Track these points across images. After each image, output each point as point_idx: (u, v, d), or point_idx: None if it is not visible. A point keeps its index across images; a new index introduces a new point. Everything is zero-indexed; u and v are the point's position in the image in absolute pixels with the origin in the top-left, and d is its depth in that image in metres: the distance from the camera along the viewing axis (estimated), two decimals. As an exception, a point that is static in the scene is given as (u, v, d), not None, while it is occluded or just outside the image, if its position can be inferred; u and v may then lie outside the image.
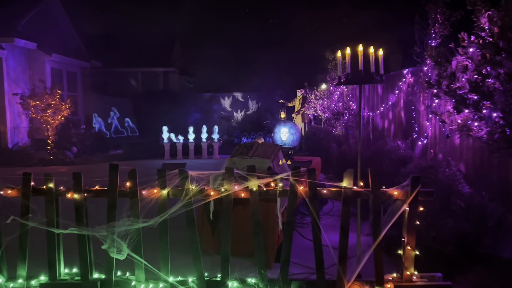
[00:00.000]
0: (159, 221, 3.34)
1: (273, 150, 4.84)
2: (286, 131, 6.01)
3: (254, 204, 3.39)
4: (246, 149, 4.90)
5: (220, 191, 3.38)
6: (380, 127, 8.84)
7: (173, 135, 13.25)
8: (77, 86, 17.28)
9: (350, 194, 3.35)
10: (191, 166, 11.55)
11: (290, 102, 14.49)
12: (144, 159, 13.32)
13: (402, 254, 3.43)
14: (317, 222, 3.34)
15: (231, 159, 4.85)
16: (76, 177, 3.41)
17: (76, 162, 12.71)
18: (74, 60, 16.65)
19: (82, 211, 3.40)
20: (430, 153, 5.71)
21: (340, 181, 3.37)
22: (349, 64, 3.66)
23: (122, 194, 3.41)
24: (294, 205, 3.38)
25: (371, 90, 9.44)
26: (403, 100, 7.44)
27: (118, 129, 17.61)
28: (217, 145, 13.46)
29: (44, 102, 12.46)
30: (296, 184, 3.33)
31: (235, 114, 19.85)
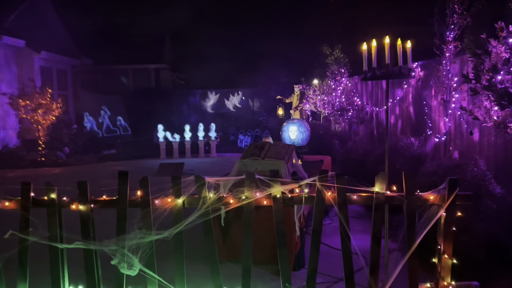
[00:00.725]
0: (174, 233, 3.04)
1: (287, 150, 4.56)
2: (295, 130, 5.73)
3: (278, 213, 3.11)
4: (258, 150, 4.61)
5: (240, 198, 3.09)
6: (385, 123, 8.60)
7: (168, 134, 12.91)
8: (67, 85, 16.82)
9: (382, 199, 3.08)
10: (189, 165, 11.28)
11: (288, 98, 14.19)
12: (139, 159, 12.98)
13: (437, 262, 3.17)
14: (346, 231, 3.07)
15: (241, 160, 4.56)
16: (81, 186, 3.10)
17: (69, 162, 12.30)
18: (64, 57, 16.19)
19: (88, 223, 3.08)
20: (449, 151, 5.47)
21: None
22: (375, 58, 3.38)
23: (132, 204, 3.10)
24: (321, 213, 3.10)
25: (374, 84, 9.20)
26: (412, 94, 7.19)
27: (110, 128, 17.18)
28: (214, 143, 13.15)
29: (34, 101, 12.03)
30: (323, 189, 3.05)
31: (229, 111, 19.50)
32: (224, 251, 4.37)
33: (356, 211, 6.19)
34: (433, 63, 5.36)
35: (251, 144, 4.81)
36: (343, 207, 3.08)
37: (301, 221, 4.24)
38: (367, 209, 6.19)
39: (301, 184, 3.10)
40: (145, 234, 3.05)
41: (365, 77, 3.49)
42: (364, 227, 5.52)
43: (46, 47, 14.52)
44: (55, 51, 15.35)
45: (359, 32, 11.65)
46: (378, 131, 9.01)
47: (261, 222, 3.88)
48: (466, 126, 4.84)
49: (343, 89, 9.35)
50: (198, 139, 13.05)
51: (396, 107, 7.93)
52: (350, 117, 8.93)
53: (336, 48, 12.81)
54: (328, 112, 10.57)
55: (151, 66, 21.07)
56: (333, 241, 4.72)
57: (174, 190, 3.09)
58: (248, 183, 3.09)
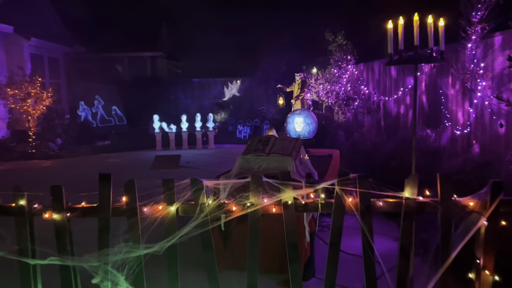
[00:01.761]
0: (166, 247, 2.56)
1: (294, 145, 4.07)
2: (301, 121, 5.23)
3: (289, 222, 2.63)
4: (262, 145, 4.11)
5: (245, 205, 2.61)
6: (394, 113, 8.10)
7: (164, 124, 12.39)
8: (60, 73, 16.22)
9: (413, 206, 2.60)
10: (186, 157, 10.79)
11: (289, 87, 13.66)
12: (134, 150, 12.48)
13: (475, 278, 2.71)
14: (370, 243, 2.60)
15: (244, 157, 4.07)
16: (55, 191, 2.60)
17: (61, 154, 11.80)
18: (56, 44, 15.56)
19: (64, 235, 2.60)
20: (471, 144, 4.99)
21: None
22: (402, 39, 2.87)
23: (117, 212, 2.62)
24: (340, 222, 2.63)
25: (382, 72, 8.68)
26: (425, 83, 6.69)
27: (104, 118, 16.62)
28: (212, 134, 12.65)
29: (24, 90, 11.46)
30: (344, 195, 2.57)
31: (228, 101, 18.95)
32: (224, 258, 3.91)
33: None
34: (457, 47, 4.85)
35: (254, 138, 4.31)
36: (366, 216, 2.60)
37: (311, 226, 3.77)
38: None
39: (318, 188, 2.61)
40: (132, 247, 2.58)
41: (390, 61, 2.98)
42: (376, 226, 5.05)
43: (36, 33, 13.90)
44: (46, 38, 14.73)
45: (369, 14, 11.09)
46: (386, 122, 8.51)
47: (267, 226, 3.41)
48: (496, 117, 4.35)
49: (349, 77, 8.83)
50: (196, 130, 12.55)
51: (407, 96, 7.43)
52: (356, 106, 8.43)
53: (339, 34, 12.26)
54: (332, 102, 10.06)
55: (147, 54, 20.44)
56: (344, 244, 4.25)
57: (166, 195, 2.61)
58: (254, 187, 2.61)
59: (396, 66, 7.91)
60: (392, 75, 8.16)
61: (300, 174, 3.87)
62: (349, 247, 4.23)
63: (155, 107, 15.52)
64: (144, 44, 20.08)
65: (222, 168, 9.07)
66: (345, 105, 8.39)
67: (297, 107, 13.27)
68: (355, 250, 4.14)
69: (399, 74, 7.78)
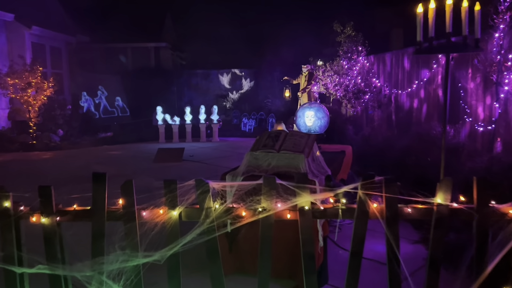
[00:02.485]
0: (167, 255, 2.29)
1: (307, 141, 3.77)
2: (312, 115, 4.93)
3: (306, 229, 2.34)
4: (271, 140, 3.82)
5: (256, 210, 2.33)
6: (406, 107, 7.78)
7: (168, 116, 12.11)
8: (62, 63, 15.93)
9: (446, 213, 2.31)
10: (189, 150, 10.51)
11: (295, 79, 13.31)
12: (137, 142, 12.23)
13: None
14: (395, 253, 2.32)
15: (252, 153, 3.78)
16: (44, 192, 2.32)
17: (62, 146, 11.55)
18: (58, 34, 15.25)
19: (54, 241, 2.33)
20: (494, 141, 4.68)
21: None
22: (433, 25, 2.56)
23: (113, 216, 2.34)
24: (364, 229, 2.34)
25: (394, 64, 8.34)
26: (441, 75, 6.36)
27: (107, 109, 16.34)
28: (217, 126, 12.36)
29: (24, 80, 11.19)
30: (368, 200, 2.28)
31: (232, 93, 18.63)
32: (229, 262, 3.64)
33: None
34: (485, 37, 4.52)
35: (263, 133, 4.02)
36: (393, 223, 2.31)
37: (324, 229, 3.49)
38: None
39: (339, 192, 2.32)
40: (129, 256, 2.30)
41: (419, 49, 2.67)
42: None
43: (37, 22, 13.60)
44: (48, 26, 14.42)
45: (380, 3, 10.72)
46: (398, 116, 8.19)
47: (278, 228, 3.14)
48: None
49: (360, 69, 8.49)
50: (200, 122, 12.27)
51: (421, 90, 7.10)
52: (367, 100, 8.11)
53: (348, 25, 11.91)
54: (341, 95, 9.73)
55: (151, 44, 20.12)
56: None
57: (167, 198, 2.33)
58: (267, 190, 2.32)
59: (409, 58, 7.58)
60: (405, 68, 7.83)
61: (313, 173, 3.58)
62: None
63: (158, 99, 15.24)
64: (148, 34, 19.76)
65: (227, 162, 8.80)
66: (355, 98, 8.07)
67: (303, 100, 12.94)
68: (368, 253, 3.86)
69: (413, 67, 7.45)
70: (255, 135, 13.50)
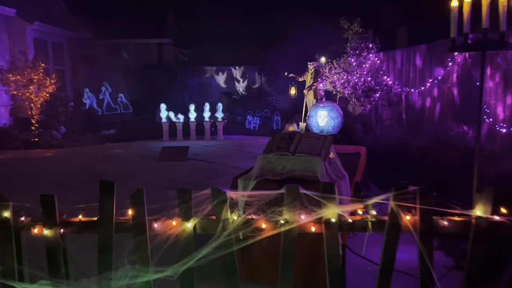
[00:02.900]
0: (181, 271, 2.10)
1: (323, 143, 3.57)
2: (325, 115, 4.73)
3: (332, 243, 2.15)
4: (285, 143, 3.62)
5: (278, 223, 2.13)
6: (418, 106, 7.57)
7: (172, 114, 11.91)
8: (64, 59, 15.74)
9: (485, 227, 2.11)
10: (194, 149, 10.32)
11: (301, 77, 13.08)
12: (140, 140, 12.04)
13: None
14: (429, 270, 2.12)
15: (265, 156, 3.58)
16: (46, 202, 2.13)
17: (64, 143, 11.37)
18: (60, 29, 15.05)
19: (58, 254, 2.14)
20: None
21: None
22: (468, 20, 2.35)
23: (121, 228, 2.15)
24: (395, 243, 2.14)
25: (405, 61, 8.13)
26: (457, 74, 6.14)
27: (110, 106, 16.17)
28: (221, 124, 12.16)
29: (26, 76, 11.00)
30: (400, 212, 2.09)
31: (236, 90, 18.41)
32: (243, 270, 3.45)
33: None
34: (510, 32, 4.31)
35: (276, 134, 3.82)
36: (427, 237, 2.12)
37: (344, 237, 3.30)
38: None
39: (368, 203, 2.13)
40: (139, 271, 2.12)
41: (452, 46, 2.46)
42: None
43: (39, 17, 13.40)
44: (50, 22, 14.22)
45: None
46: (409, 115, 7.98)
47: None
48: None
49: (370, 66, 8.27)
50: (204, 120, 12.07)
51: (434, 88, 6.88)
52: (377, 98, 7.90)
53: (355, 22, 11.69)
54: (348, 93, 9.52)
55: (154, 40, 19.92)
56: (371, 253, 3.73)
57: (181, 209, 2.13)
58: (290, 201, 2.13)
59: (422, 55, 7.36)
60: (417, 65, 7.61)
61: (330, 177, 3.39)
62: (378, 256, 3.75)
63: (161, 95, 15.06)
64: (151, 30, 19.55)
65: (233, 161, 8.62)
66: (365, 96, 7.86)
67: (309, 98, 12.73)
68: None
69: (426, 64, 7.24)
70: (260, 133, 13.37)
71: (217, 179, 7.06)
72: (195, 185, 6.73)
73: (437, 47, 6.77)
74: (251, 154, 9.50)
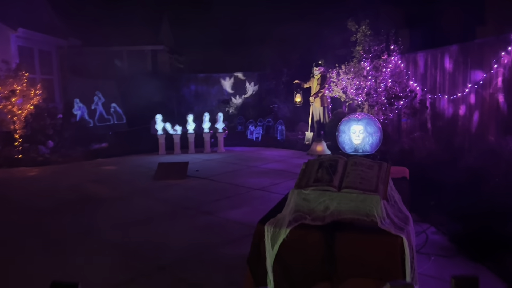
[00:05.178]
0: None
1: (379, 173, 2.66)
2: (360, 130, 3.83)
3: None
4: (326, 172, 2.70)
5: None
6: (448, 115, 6.69)
7: (168, 125, 10.97)
8: (52, 68, 14.77)
9: None
10: (194, 164, 9.37)
11: (306, 83, 12.21)
12: (135, 154, 11.09)
13: None
14: None
15: (300, 191, 2.67)
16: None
17: (51, 160, 10.39)
18: (48, 36, 14.11)
19: None
20: None
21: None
22: None
23: None
24: None
25: (431, 64, 7.27)
26: (503, 77, 5.27)
27: (103, 117, 15.21)
28: (222, 136, 11.24)
29: (8, 87, 10.05)
30: None
31: (235, 98, 17.51)
32: None
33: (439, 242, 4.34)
34: None
35: (310, 161, 2.90)
36: None
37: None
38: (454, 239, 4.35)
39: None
40: None
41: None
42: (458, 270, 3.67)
43: (25, 23, 12.47)
44: (37, 29, 13.29)
45: None
46: (435, 125, 7.11)
47: None
48: None
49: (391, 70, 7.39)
50: (204, 132, 11.14)
51: (471, 94, 6.01)
52: (401, 106, 7.02)
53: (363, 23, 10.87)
54: (362, 100, 8.63)
55: (148, 47, 19.08)
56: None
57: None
58: None
59: (452, 57, 6.49)
60: (445, 68, 6.75)
61: (393, 222, 2.47)
62: None
63: (156, 105, 14.14)
64: (145, 36, 18.71)
65: (238, 178, 7.69)
66: (389, 104, 6.97)
67: (316, 106, 11.86)
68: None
69: (458, 67, 6.37)
70: (263, 144, 12.40)
71: (223, 202, 6.13)
72: (198, 210, 5.80)
73: (471, 47, 5.91)
74: (257, 170, 8.58)
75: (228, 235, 4.77)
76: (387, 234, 2.36)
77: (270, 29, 17.63)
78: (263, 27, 18.33)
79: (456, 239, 4.27)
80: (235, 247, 4.41)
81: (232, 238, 4.69)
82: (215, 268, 3.91)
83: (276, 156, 10.30)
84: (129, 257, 4.22)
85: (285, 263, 2.49)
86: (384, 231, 2.38)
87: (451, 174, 4.69)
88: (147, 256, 4.23)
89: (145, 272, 3.86)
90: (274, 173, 8.12)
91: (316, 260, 2.43)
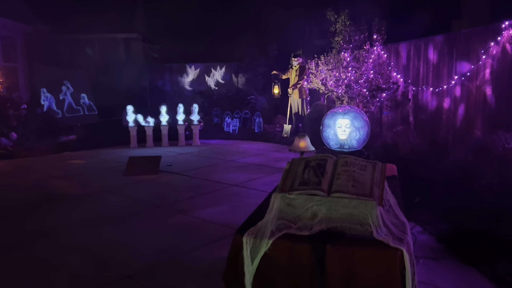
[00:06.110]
0: None
1: (373, 174, 2.34)
2: (346, 125, 3.51)
3: None
4: (314, 174, 2.37)
5: None
6: (431, 108, 6.48)
7: (140, 117, 10.46)
8: (16, 55, 13.96)
9: None
10: (167, 158, 8.94)
11: (285, 74, 11.89)
12: (105, 147, 10.55)
13: None
14: None
15: (284, 196, 2.32)
16: None
17: (14, 153, 9.76)
18: (11, 21, 13.28)
19: None
20: None
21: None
22: None
23: None
24: None
25: (414, 54, 7.04)
26: (490, 70, 5.05)
27: (72, 107, 14.52)
28: (197, 128, 10.81)
29: (-35, 75, 9.34)
30: None
31: (211, 89, 17.05)
32: None
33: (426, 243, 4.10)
34: None
35: (296, 159, 2.57)
36: None
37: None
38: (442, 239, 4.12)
39: None
40: None
41: None
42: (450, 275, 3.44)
43: (-16, 7, 11.67)
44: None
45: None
46: (417, 118, 6.90)
47: None
48: None
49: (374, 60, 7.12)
50: (178, 124, 10.69)
51: (456, 87, 5.79)
52: (383, 99, 6.77)
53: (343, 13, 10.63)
54: (342, 92, 8.36)
55: (120, 35, 18.32)
56: None
57: None
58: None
59: (437, 48, 6.26)
60: (429, 59, 6.52)
61: (390, 231, 2.17)
62: None
63: (129, 95, 13.56)
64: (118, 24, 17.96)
65: (215, 174, 7.30)
66: (371, 96, 6.70)
67: (294, 97, 11.56)
68: None
69: (443, 58, 6.14)
70: (240, 137, 12.04)
71: (199, 199, 5.75)
72: (171, 208, 5.41)
73: (459, 38, 5.68)
74: (234, 164, 8.22)
75: (203, 237, 4.41)
76: (385, 246, 2.05)
77: (248, 18, 17.18)
78: (240, 17, 17.86)
79: (444, 239, 4.05)
80: (211, 250, 4.07)
81: (207, 240, 4.33)
82: (188, 276, 3.56)
83: (254, 149, 9.96)
84: (92, 264, 3.81)
85: (267, 280, 2.16)
86: (381, 243, 2.07)
87: (438, 170, 4.45)
88: (114, 262, 3.83)
89: (109, 281, 3.47)
90: (253, 168, 7.78)
91: (303, 277, 2.11)
